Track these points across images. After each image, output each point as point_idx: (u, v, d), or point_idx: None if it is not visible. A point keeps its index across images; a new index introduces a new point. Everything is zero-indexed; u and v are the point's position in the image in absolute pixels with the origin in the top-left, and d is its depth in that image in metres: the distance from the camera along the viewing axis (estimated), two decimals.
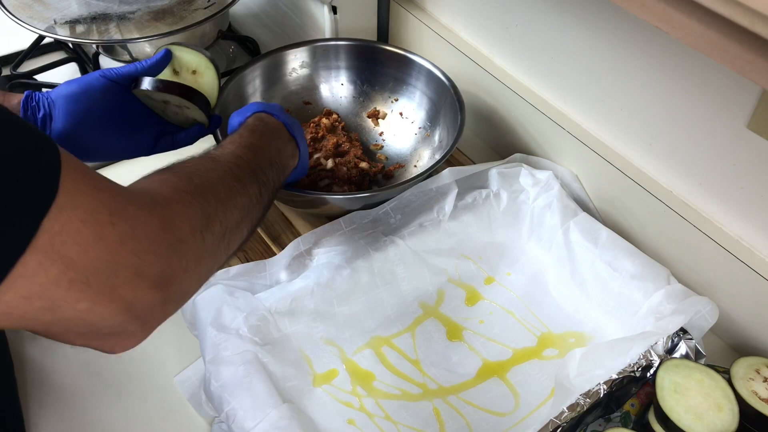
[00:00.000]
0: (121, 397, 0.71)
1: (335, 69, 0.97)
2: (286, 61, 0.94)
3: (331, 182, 0.85)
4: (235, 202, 0.55)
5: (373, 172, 0.90)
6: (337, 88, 0.98)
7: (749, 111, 0.64)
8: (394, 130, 0.96)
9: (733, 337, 0.75)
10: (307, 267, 0.76)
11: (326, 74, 0.97)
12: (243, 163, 0.59)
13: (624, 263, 0.75)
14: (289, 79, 0.96)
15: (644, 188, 0.77)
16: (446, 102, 0.89)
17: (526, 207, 0.83)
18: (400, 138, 0.95)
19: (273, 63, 0.93)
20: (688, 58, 0.68)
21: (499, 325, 0.77)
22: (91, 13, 0.96)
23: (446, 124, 0.89)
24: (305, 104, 0.97)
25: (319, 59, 0.96)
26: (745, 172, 0.68)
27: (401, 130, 0.96)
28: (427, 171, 0.79)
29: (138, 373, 0.73)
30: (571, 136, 0.84)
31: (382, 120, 0.97)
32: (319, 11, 0.98)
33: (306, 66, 0.96)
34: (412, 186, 0.79)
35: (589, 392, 0.62)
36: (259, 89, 0.93)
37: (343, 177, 0.86)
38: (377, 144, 0.96)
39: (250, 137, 0.64)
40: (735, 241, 0.71)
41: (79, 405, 0.70)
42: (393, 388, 0.71)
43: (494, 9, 0.89)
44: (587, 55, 0.79)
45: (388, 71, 0.95)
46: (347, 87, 0.98)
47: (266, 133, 0.66)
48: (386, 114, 0.97)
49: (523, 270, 0.82)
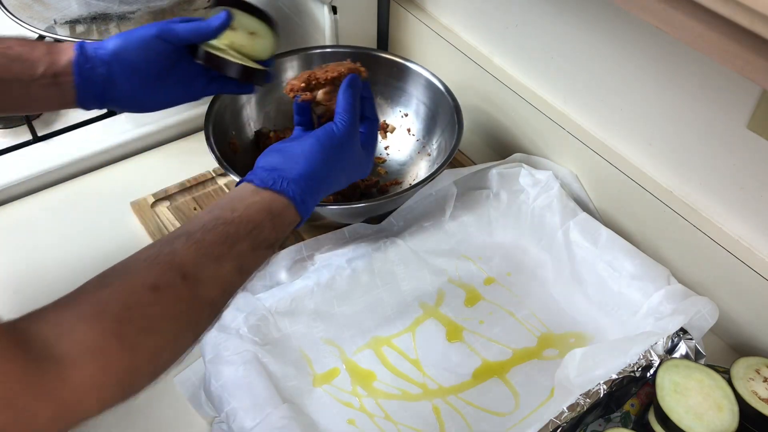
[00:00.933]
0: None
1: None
2: (280, 69, 0.90)
3: None
4: (181, 343, 0.45)
5: (365, 185, 0.88)
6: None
7: (749, 111, 0.64)
8: (399, 145, 0.94)
9: (733, 337, 0.75)
10: (307, 269, 0.76)
11: None
12: (206, 291, 0.47)
13: (624, 263, 0.75)
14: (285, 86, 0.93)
15: (644, 188, 0.77)
16: (444, 111, 0.87)
17: (526, 207, 0.83)
18: (403, 152, 0.93)
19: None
20: (688, 58, 0.68)
21: (499, 326, 0.76)
22: (91, 13, 0.96)
23: (444, 134, 0.87)
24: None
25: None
26: (745, 172, 0.68)
27: (404, 143, 0.94)
28: (426, 180, 0.78)
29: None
30: (571, 136, 0.84)
31: (390, 133, 0.94)
32: (319, 11, 0.98)
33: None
34: (411, 196, 0.79)
35: (589, 392, 0.62)
36: (253, 98, 0.90)
37: None
38: (380, 157, 0.94)
39: (233, 244, 0.51)
40: (735, 241, 0.71)
41: None
42: (393, 388, 0.71)
43: (494, 9, 0.89)
44: (587, 55, 0.79)
45: (388, 80, 0.92)
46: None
47: (257, 232, 0.54)
48: (395, 128, 0.94)
49: (523, 270, 0.82)
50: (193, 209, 0.87)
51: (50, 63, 0.64)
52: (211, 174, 0.92)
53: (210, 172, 0.92)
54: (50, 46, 0.65)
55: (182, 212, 0.87)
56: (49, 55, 0.64)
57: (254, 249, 0.53)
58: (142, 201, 0.88)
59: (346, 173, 0.66)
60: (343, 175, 0.65)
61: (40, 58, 0.63)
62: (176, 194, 0.89)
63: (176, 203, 0.88)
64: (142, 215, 0.87)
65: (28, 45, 0.65)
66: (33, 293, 0.78)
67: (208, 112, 0.83)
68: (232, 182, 0.90)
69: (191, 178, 0.91)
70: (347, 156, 0.64)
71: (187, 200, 0.89)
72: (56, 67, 0.64)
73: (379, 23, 1.06)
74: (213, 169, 0.92)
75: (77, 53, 0.65)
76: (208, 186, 0.90)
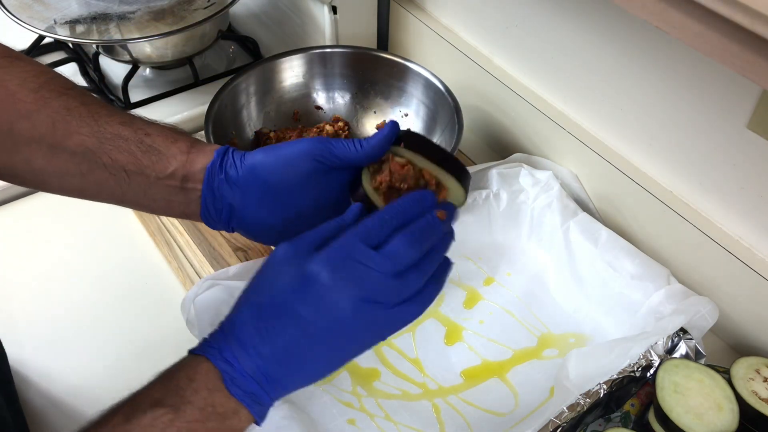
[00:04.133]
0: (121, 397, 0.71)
1: (330, 77, 0.93)
2: (280, 69, 0.91)
3: None
4: None
5: None
6: (334, 96, 0.95)
7: (749, 111, 0.64)
8: None
9: (733, 337, 0.75)
10: None
11: (322, 82, 0.94)
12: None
13: (624, 263, 0.75)
14: (285, 86, 0.93)
15: (644, 188, 0.77)
16: (444, 111, 0.87)
17: (526, 207, 0.83)
18: None
19: (267, 71, 0.90)
20: (688, 58, 0.68)
21: (499, 326, 0.76)
22: (91, 13, 0.96)
23: (444, 134, 0.87)
24: (316, 109, 0.95)
25: (315, 68, 0.92)
26: (745, 172, 0.68)
27: None
28: None
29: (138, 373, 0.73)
30: (571, 136, 0.84)
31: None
32: (319, 11, 0.98)
33: (302, 75, 0.93)
34: None
35: (589, 392, 0.62)
36: (253, 98, 0.90)
37: None
38: None
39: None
40: (735, 241, 0.71)
41: (78, 407, 0.70)
42: (393, 388, 0.71)
43: (494, 9, 0.89)
44: (587, 55, 0.79)
45: (388, 80, 0.92)
46: (344, 96, 0.95)
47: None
48: None
49: (523, 270, 0.82)
50: None
51: (184, 163, 0.56)
52: None
53: None
54: (193, 144, 0.57)
55: None
56: (187, 154, 0.57)
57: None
58: None
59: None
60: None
61: (176, 155, 0.56)
62: None
63: None
64: (142, 215, 0.87)
65: (170, 137, 0.57)
66: (33, 293, 0.79)
67: (208, 112, 0.82)
68: None
69: None
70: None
71: None
72: (191, 168, 0.57)
73: (379, 23, 1.06)
74: None
75: (208, 173, 0.56)
76: None
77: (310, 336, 0.47)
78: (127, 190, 0.57)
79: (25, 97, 0.55)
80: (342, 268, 0.47)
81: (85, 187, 0.58)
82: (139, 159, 0.56)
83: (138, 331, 0.76)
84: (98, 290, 0.80)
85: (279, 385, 0.48)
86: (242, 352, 0.47)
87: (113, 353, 0.74)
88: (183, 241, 0.83)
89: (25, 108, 0.54)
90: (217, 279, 0.72)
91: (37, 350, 0.74)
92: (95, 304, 0.78)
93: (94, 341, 0.75)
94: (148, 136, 0.56)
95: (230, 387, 0.46)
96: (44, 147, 0.55)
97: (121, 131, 0.56)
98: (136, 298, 0.79)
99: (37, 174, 0.57)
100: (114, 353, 0.74)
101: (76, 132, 0.55)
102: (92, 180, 0.57)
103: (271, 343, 0.47)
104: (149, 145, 0.56)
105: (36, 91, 0.55)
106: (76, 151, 0.55)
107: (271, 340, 0.47)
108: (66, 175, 0.57)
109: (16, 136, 0.55)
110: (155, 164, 0.56)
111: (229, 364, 0.47)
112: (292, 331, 0.47)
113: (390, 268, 0.47)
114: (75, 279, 0.81)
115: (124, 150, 0.56)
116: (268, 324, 0.47)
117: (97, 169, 0.56)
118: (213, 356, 0.47)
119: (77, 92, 0.57)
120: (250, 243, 0.83)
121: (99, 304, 0.78)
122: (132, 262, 0.83)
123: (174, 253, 0.83)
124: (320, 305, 0.47)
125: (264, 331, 0.47)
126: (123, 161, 0.56)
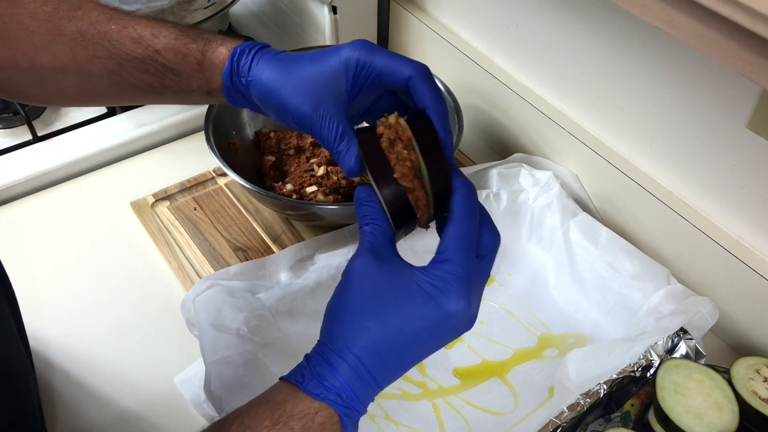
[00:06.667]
0: (121, 397, 0.71)
1: None
2: None
3: (318, 190, 0.84)
4: None
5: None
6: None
7: (749, 111, 0.64)
8: None
9: (733, 337, 0.75)
10: (307, 269, 0.76)
11: None
12: None
13: (624, 263, 0.75)
14: None
15: (644, 188, 0.77)
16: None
17: (526, 207, 0.83)
18: None
19: None
20: (688, 58, 0.68)
21: (499, 326, 0.76)
22: None
23: None
24: None
25: None
26: (745, 172, 0.68)
27: None
28: None
29: (138, 373, 0.73)
30: (571, 136, 0.84)
31: None
32: (319, 11, 0.98)
33: None
34: None
35: (589, 392, 0.62)
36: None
37: (332, 186, 0.83)
38: None
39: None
40: (735, 241, 0.71)
41: (79, 405, 0.70)
42: (393, 388, 0.71)
43: (494, 9, 0.89)
44: (587, 55, 0.79)
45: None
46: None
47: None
48: None
49: (523, 270, 0.82)
50: (193, 209, 0.87)
51: (203, 81, 0.57)
52: (211, 174, 0.92)
53: (210, 172, 0.92)
54: (202, 61, 0.57)
55: (182, 212, 0.87)
56: (202, 72, 0.57)
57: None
58: (142, 201, 0.88)
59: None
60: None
61: (192, 74, 0.57)
62: (176, 194, 0.89)
63: (176, 203, 0.88)
64: (142, 215, 0.87)
65: (180, 53, 0.56)
66: (33, 294, 0.78)
67: (208, 112, 0.82)
68: (233, 182, 0.90)
69: (191, 178, 0.91)
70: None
71: (187, 200, 0.89)
72: (210, 86, 0.58)
73: (379, 23, 1.06)
74: (213, 169, 0.92)
75: (226, 81, 0.57)
76: (208, 186, 0.90)
77: (423, 355, 0.51)
78: (163, 99, 0.60)
79: (39, 29, 0.55)
80: (478, 297, 0.51)
81: (124, 100, 0.63)
82: (161, 80, 0.57)
83: (138, 331, 0.76)
84: (98, 290, 0.80)
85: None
86: (362, 388, 0.48)
87: (113, 353, 0.74)
88: (183, 241, 0.83)
89: (41, 40, 0.55)
90: (217, 279, 0.72)
91: (34, 351, 0.74)
92: (95, 303, 0.78)
93: (94, 341, 0.75)
94: (158, 53, 0.56)
95: (345, 424, 0.48)
96: (71, 75, 0.57)
97: (134, 51, 0.56)
98: (136, 298, 0.79)
99: (74, 100, 0.62)
100: (114, 353, 0.74)
101: (95, 56, 0.56)
102: (127, 97, 0.60)
103: (390, 373, 0.49)
104: (163, 64, 0.57)
105: (47, 21, 0.55)
106: (102, 74, 0.57)
107: (396, 371, 0.49)
108: (102, 96, 0.61)
109: (40, 69, 0.56)
110: (177, 83, 0.58)
111: (353, 410, 0.48)
112: (410, 357, 0.50)
113: (491, 267, 0.52)
114: (75, 279, 0.81)
115: (143, 70, 0.57)
116: (392, 356, 0.49)
117: (129, 88, 0.58)
118: (335, 404, 0.47)
119: (86, 10, 0.57)
120: (250, 243, 0.83)
121: (99, 304, 0.78)
122: (132, 261, 0.83)
123: (174, 253, 0.83)
124: (454, 335, 0.52)
125: (390, 364, 0.49)
126: (148, 81, 0.57)
